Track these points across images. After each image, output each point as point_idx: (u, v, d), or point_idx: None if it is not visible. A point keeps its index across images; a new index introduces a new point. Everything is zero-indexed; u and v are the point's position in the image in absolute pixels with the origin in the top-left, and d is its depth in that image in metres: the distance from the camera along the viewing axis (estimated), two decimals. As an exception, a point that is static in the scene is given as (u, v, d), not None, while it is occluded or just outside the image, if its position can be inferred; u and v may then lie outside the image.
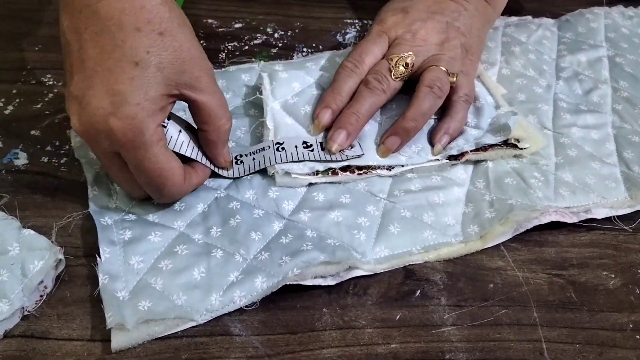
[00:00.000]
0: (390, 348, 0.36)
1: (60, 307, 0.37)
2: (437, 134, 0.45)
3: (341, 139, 0.43)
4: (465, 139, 0.45)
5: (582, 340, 0.37)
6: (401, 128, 0.44)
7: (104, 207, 0.41)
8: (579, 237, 0.43)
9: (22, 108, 0.49)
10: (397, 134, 0.44)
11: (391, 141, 0.44)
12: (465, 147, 0.45)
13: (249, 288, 0.37)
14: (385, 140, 0.44)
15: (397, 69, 0.46)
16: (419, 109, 0.44)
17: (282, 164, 0.42)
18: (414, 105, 0.44)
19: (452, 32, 0.48)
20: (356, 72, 0.46)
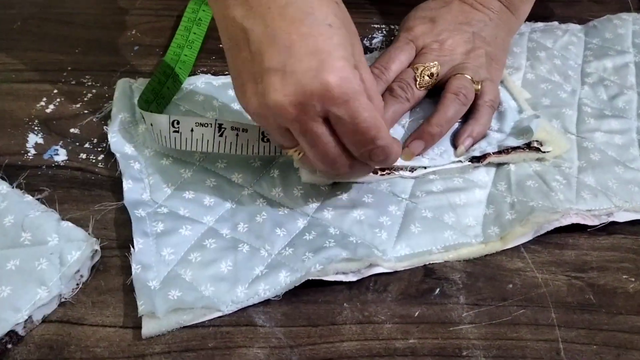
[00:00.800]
0: (408, 343, 0.37)
1: (95, 295, 0.39)
2: (460, 137, 0.46)
3: (418, 145, 0.45)
4: (488, 142, 0.46)
5: (600, 341, 0.38)
6: (426, 133, 0.45)
7: (138, 200, 0.43)
8: (600, 240, 0.43)
9: (63, 107, 0.51)
10: (421, 138, 0.45)
11: (415, 145, 0.45)
12: (487, 149, 0.46)
13: (273, 282, 0.39)
14: (410, 144, 0.45)
15: (423, 79, 0.47)
16: (444, 115, 0.45)
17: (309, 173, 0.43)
18: (440, 111, 0.46)
19: (478, 41, 0.49)
20: (382, 78, 0.47)
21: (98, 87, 0.53)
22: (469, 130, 0.46)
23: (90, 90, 0.53)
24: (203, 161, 0.46)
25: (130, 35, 0.59)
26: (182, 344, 0.37)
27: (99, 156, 0.47)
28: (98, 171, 0.46)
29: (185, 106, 0.49)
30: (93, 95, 0.52)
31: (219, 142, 0.43)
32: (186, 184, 0.44)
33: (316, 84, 0.34)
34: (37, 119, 0.50)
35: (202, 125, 0.42)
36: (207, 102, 0.50)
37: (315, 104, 0.35)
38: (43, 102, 0.51)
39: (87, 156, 0.47)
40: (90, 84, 0.53)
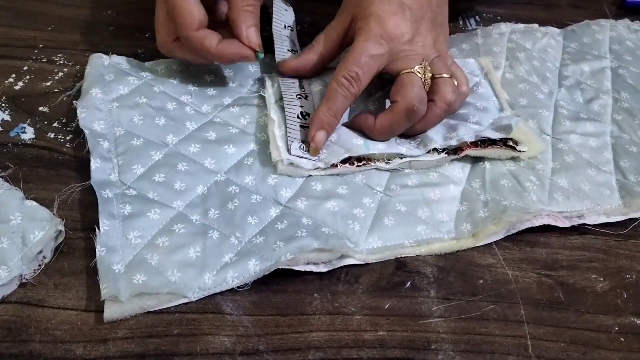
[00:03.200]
0: (377, 335, 0.37)
1: (57, 277, 0.38)
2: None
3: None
4: (466, 131, 0.46)
5: (567, 339, 0.38)
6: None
7: (106, 180, 0.41)
8: (571, 240, 0.43)
9: (32, 85, 0.50)
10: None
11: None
12: (465, 138, 0.45)
13: (242, 269, 0.38)
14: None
15: (427, 83, 0.45)
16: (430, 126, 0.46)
17: (290, 154, 0.43)
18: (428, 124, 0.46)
19: (437, 27, 0.47)
20: (351, 91, 0.44)
21: (70, 66, 0.52)
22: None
23: (62, 69, 0.51)
24: (176, 144, 0.45)
25: (106, 16, 0.57)
26: (146, 330, 0.36)
27: (68, 136, 0.46)
28: (66, 151, 0.45)
29: (159, 87, 0.48)
30: (64, 74, 0.51)
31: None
32: (157, 167, 0.43)
33: None
34: (5, 96, 0.49)
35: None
36: (182, 85, 0.49)
37: None
38: (12, 79, 0.50)
39: (55, 135, 0.46)
40: (62, 63, 0.52)
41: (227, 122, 0.47)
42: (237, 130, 0.47)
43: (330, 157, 0.44)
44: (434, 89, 0.45)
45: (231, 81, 0.50)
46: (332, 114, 0.44)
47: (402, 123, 0.44)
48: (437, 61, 0.45)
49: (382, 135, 0.45)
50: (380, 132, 0.45)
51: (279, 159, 0.43)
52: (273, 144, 0.44)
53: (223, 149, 0.45)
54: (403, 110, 0.43)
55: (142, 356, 0.35)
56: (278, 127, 0.45)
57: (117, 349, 0.35)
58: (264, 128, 0.47)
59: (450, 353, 0.36)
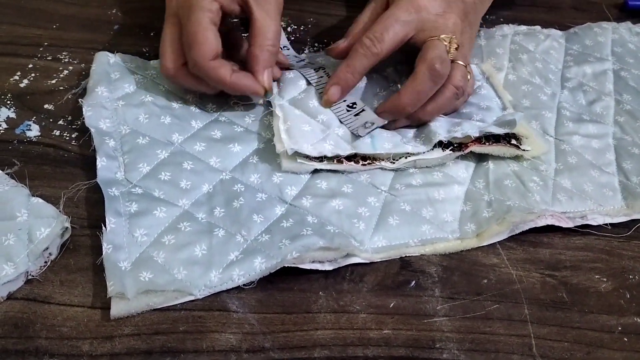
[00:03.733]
0: (382, 334, 0.37)
1: (63, 274, 0.38)
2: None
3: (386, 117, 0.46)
4: (470, 125, 0.46)
5: (571, 339, 0.38)
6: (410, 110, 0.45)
7: (112, 178, 0.42)
8: (574, 240, 0.44)
9: (37, 82, 0.50)
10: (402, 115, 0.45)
11: (384, 117, 0.45)
12: (469, 132, 0.45)
13: (248, 267, 0.38)
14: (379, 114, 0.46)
15: (451, 52, 0.45)
16: (440, 110, 0.46)
17: (293, 142, 0.43)
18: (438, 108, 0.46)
19: (468, 13, 0.48)
20: (372, 51, 0.45)
21: (75, 64, 0.52)
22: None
23: (67, 67, 0.51)
24: (181, 143, 0.45)
25: (111, 14, 0.57)
26: (152, 327, 0.36)
27: (73, 134, 0.46)
28: (71, 149, 0.45)
29: (164, 86, 0.48)
30: (69, 72, 0.51)
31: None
32: (162, 165, 0.43)
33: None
34: (10, 93, 0.48)
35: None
36: (187, 85, 0.49)
37: (173, 3, 0.45)
38: (17, 76, 0.50)
39: (60, 133, 0.46)
40: (67, 61, 0.52)
41: (232, 120, 0.47)
42: (242, 129, 0.47)
43: (337, 149, 0.44)
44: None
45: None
46: (349, 71, 0.45)
47: (427, 86, 0.43)
48: (461, 48, 0.46)
49: (412, 106, 0.44)
50: (408, 103, 0.44)
51: (284, 149, 0.43)
52: (277, 137, 0.44)
53: (228, 147, 0.45)
54: (425, 72, 0.43)
55: (148, 353, 0.35)
56: (283, 122, 0.45)
57: (123, 345, 0.35)
58: (268, 127, 0.47)
59: (455, 352, 0.36)
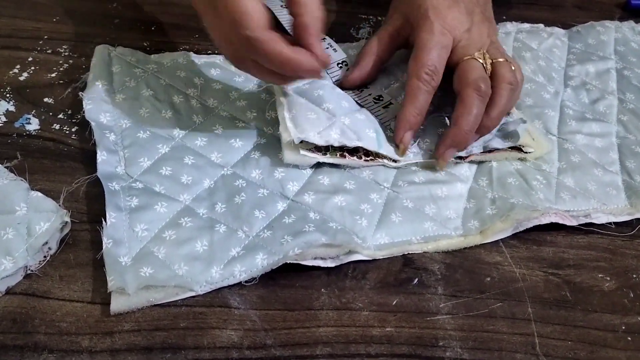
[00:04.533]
0: (385, 331, 0.37)
1: (62, 269, 0.37)
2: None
3: (452, 153, 0.44)
4: (474, 143, 0.46)
5: (575, 337, 0.38)
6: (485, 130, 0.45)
7: (112, 172, 0.41)
8: (577, 239, 0.43)
9: (37, 76, 0.49)
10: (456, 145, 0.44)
11: (450, 153, 0.44)
12: (473, 150, 0.46)
13: (249, 264, 0.38)
14: (444, 153, 0.44)
15: (488, 69, 0.45)
16: (499, 109, 0.45)
17: (299, 131, 0.42)
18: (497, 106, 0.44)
19: (489, 23, 0.48)
20: (432, 84, 0.44)
21: (75, 57, 0.51)
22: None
23: (67, 61, 0.51)
24: (182, 138, 0.44)
25: (111, 8, 0.57)
26: (153, 323, 0.35)
27: (73, 127, 0.46)
28: (71, 142, 0.45)
29: (165, 80, 0.48)
30: (69, 65, 0.50)
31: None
32: (163, 160, 0.43)
33: None
34: (10, 86, 0.48)
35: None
36: (188, 79, 0.48)
37: None
38: (16, 70, 0.49)
39: (60, 127, 0.46)
40: (67, 54, 0.51)
41: (234, 115, 0.47)
42: (243, 124, 0.46)
43: (343, 138, 0.43)
44: (494, 74, 0.45)
45: (237, 75, 0.50)
46: (417, 112, 0.44)
47: (478, 108, 0.43)
48: (492, 48, 0.46)
49: (471, 131, 0.43)
50: (468, 130, 0.43)
51: (290, 139, 0.42)
52: (283, 126, 0.43)
53: (229, 142, 0.45)
54: (472, 94, 0.43)
55: (149, 349, 0.34)
56: (288, 110, 0.44)
57: (123, 341, 0.34)
58: (270, 122, 0.47)
59: (458, 350, 0.36)
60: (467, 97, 0.43)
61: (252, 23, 0.37)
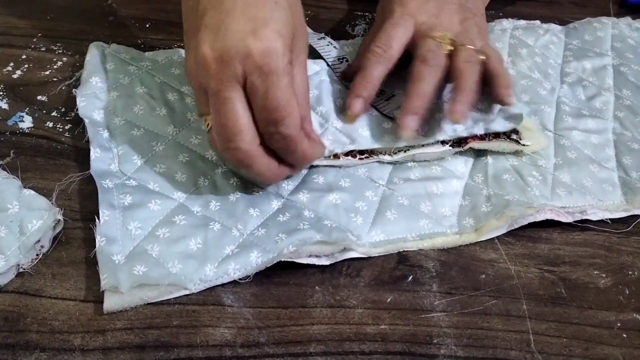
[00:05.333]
0: (379, 329, 0.36)
1: (55, 267, 0.37)
2: (500, 91, 0.45)
3: (415, 124, 0.43)
4: (474, 122, 0.45)
5: (570, 334, 0.38)
6: (463, 97, 0.43)
7: (106, 170, 0.41)
8: (573, 236, 0.43)
9: (30, 74, 0.49)
10: (461, 102, 0.43)
11: (459, 107, 0.43)
12: (474, 130, 0.45)
13: (243, 262, 0.38)
14: (453, 108, 0.43)
15: (444, 47, 0.45)
16: (468, 86, 0.43)
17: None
18: (462, 85, 0.43)
19: (466, 12, 0.48)
20: (385, 56, 0.45)
21: (69, 55, 0.51)
22: (504, 83, 0.45)
23: (61, 58, 0.51)
24: (176, 135, 0.44)
25: (105, 6, 0.56)
26: (146, 321, 0.35)
27: (66, 125, 0.45)
28: (64, 140, 0.44)
29: (160, 77, 0.47)
30: (63, 63, 0.50)
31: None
32: (157, 157, 0.42)
33: (242, 44, 0.34)
34: (3, 84, 0.48)
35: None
36: (182, 77, 0.48)
37: (236, 65, 0.34)
38: (10, 67, 0.49)
39: (53, 125, 0.45)
40: (61, 52, 0.51)
41: (229, 113, 0.47)
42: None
43: (335, 146, 0.43)
44: (453, 56, 0.45)
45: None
46: (367, 80, 0.44)
47: (424, 75, 0.43)
48: (463, 36, 0.46)
49: (423, 100, 0.43)
50: (418, 96, 0.43)
51: None
52: None
53: (224, 140, 0.45)
54: (417, 64, 0.44)
55: (141, 347, 0.34)
56: None
57: (115, 340, 0.34)
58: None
59: (452, 347, 0.36)
60: (412, 69, 0.44)
61: (294, 121, 0.36)
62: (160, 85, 0.47)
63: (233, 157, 0.37)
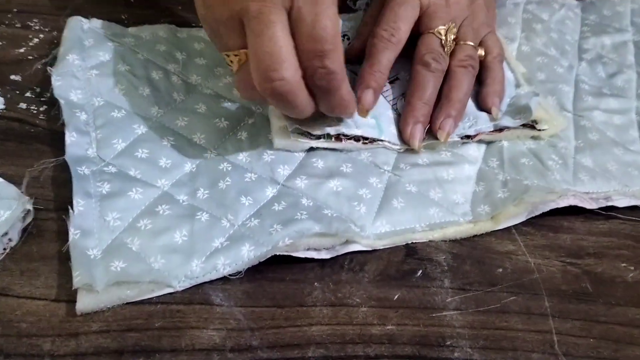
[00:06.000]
0: (385, 330, 0.33)
1: (24, 263, 0.33)
2: (488, 99, 0.42)
3: (421, 133, 0.41)
4: (483, 120, 0.42)
5: (597, 334, 0.34)
6: (453, 111, 0.41)
7: (82, 155, 0.37)
8: (597, 225, 0.40)
9: (4, 51, 0.45)
10: (450, 116, 0.41)
11: (448, 123, 0.41)
12: (482, 129, 0.42)
13: (234, 256, 0.34)
14: (440, 127, 0.41)
15: (448, 45, 0.42)
16: (462, 90, 0.41)
17: (294, 120, 0.38)
18: (457, 87, 0.41)
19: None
20: (393, 41, 0.41)
21: (46, 32, 0.47)
22: (492, 89, 0.43)
23: (37, 35, 0.47)
24: (161, 117, 0.40)
25: (87, -21, 0.52)
26: (124, 323, 0.32)
27: (41, 107, 0.41)
28: (39, 123, 0.40)
29: (143, 54, 0.43)
30: (40, 40, 0.46)
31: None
32: (139, 141, 0.38)
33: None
34: (-27, 63, 0.44)
35: None
36: (169, 53, 0.44)
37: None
38: (-19, 45, 0.45)
39: (27, 106, 0.41)
40: (38, 28, 0.47)
41: (219, 93, 0.43)
42: (229, 103, 0.42)
43: (340, 127, 0.39)
44: (451, 54, 0.42)
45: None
46: (376, 69, 0.41)
47: (426, 81, 0.41)
48: (467, 26, 0.43)
49: (424, 106, 0.41)
50: (420, 105, 0.41)
51: (282, 124, 0.38)
52: (273, 111, 0.39)
53: (214, 122, 0.41)
54: (419, 70, 0.41)
55: (119, 353, 0.30)
56: None
57: (90, 344, 0.31)
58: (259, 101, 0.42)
59: (467, 350, 0.32)
60: (414, 72, 0.42)
61: (339, 58, 0.33)
62: (144, 63, 0.43)
63: (276, 90, 0.32)
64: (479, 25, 0.44)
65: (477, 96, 0.43)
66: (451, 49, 0.42)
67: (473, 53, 0.43)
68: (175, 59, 0.44)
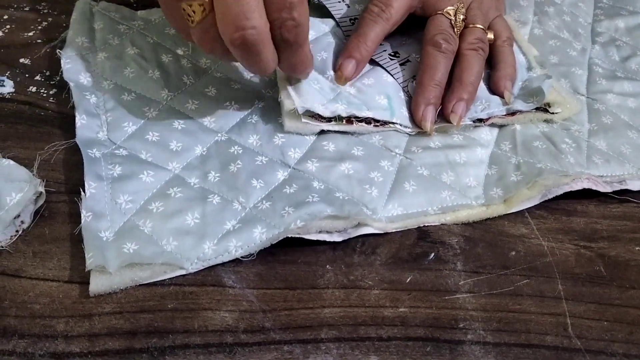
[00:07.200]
0: (398, 312, 0.33)
1: (36, 245, 0.33)
2: (500, 82, 0.42)
3: (433, 115, 0.40)
4: (496, 104, 0.42)
5: (611, 317, 0.34)
6: (465, 94, 0.40)
7: (93, 138, 0.37)
8: (611, 208, 0.39)
9: (13, 35, 0.45)
10: (462, 99, 0.40)
11: (460, 107, 0.40)
12: (495, 112, 0.42)
13: (246, 238, 0.34)
14: (454, 107, 0.40)
15: (458, 26, 0.42)
16: (473, 72, 0.41)
17: (303, 101, 0.38)
18: (468, 69, 0.41)
19: None
20: (383, 17, 0.41)
21: (55, 15, 0.47)
22: (504, 73, 0.42)
23: (46, 19, 0.46)
24: (171, 100, 0.40)
25: (96, -37, 0.52)
26: (137, 304, 0.32)
27: (51, 90, 0.41)
28: (48, 106, 0.40)
29: (153, 37, 0.43)
30: (49, 23, 0.46)
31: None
32: (150, 125, 0.38)
33: None
34: (-18, 46, 0.44)
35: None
36: (178, 37, 0.44)
37: None
38: (-10, 29, 0.45)
39: (37, 89, 0.41)
40: (47, 12, 0.47)
41: (229, 76, 0.43)
42: (239, 86, 0.42)
43: (351, 109, 0.39)
44: (460, 37, 0.42)
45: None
46: (361, 40, 0.40)
47: (437, 62, 0.40)
48: (476, 9, 0.42)
49: (435, 89, 0.40)
50: (431, 86, 0.40)
51: (293, 107, 0.38)
52: (284, 93, 0.39)
53: (224, 106, 0.40)
54: (429, 51, 0.41)
55: (132, 333, 0.30)
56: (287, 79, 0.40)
57: (103, 325, 0.31)
58: (269, 84, 0.42)
59: (480, 332, 0.32)
60: (425, 53, 0.41)
61: (305, 10, 0.32)
62: (153, 46, 0.43)
63: (246, 39, 0.31)
64: (487, 9, 0.44)
65: (489, 80, 0.43)
66: (460, 29, 0.42)
67: (483, 36, 0.42)
68: (184, 42, 0.44)
